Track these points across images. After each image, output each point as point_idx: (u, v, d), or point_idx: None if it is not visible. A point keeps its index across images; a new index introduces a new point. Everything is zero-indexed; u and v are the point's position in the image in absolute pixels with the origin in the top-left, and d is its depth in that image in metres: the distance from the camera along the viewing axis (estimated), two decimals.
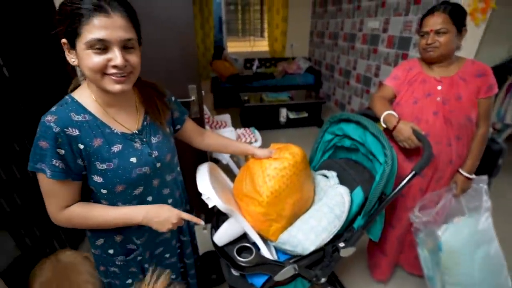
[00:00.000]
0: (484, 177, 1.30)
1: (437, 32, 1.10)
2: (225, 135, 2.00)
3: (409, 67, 1.30)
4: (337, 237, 1.13)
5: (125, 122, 0.79)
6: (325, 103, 4.04)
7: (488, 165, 2.19)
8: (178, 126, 1.02)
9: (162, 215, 0.79)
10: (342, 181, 1.20)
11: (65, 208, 0.73)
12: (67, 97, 0.73)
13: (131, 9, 0.69)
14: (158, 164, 0.84)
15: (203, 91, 1.72)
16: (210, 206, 0.94)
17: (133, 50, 0.70)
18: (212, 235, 1.15)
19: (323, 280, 1.21)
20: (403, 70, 1.31)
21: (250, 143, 2.12)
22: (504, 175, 2.72)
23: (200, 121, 1.72)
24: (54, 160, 0.67)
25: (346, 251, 1.12)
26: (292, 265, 1.07)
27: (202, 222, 0.88)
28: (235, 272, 1.14)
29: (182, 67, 1.56)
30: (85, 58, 0.64)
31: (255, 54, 5.16)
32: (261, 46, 5.36)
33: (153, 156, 0.82)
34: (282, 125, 3.81)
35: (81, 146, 0.70)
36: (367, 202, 1.09)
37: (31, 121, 1.53)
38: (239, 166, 2.23)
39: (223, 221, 1.13)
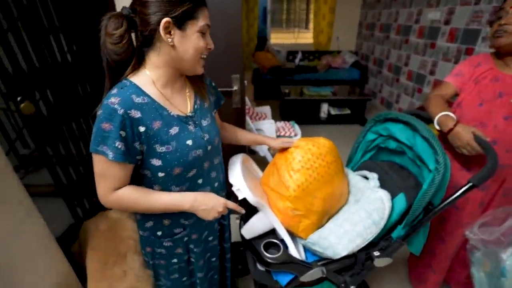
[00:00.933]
0: None
1: None
2: (265, 127, 1.99)
3: (478, 63, 1.13)
4: (372, 245, 1.05)
5: (179, 105, 0.81)
6: (370, 100, 3.80)
7: None
8: (214, 111, 1.02)
9: (209, 204, 0.80)
10: (383, 185, 1.11)
11: (116, 190, 0.75)
12: (125, 80, 0.74)
13: None
14: (209, 147, 0.86)
15: (245, 81, 1.70)
16: (240, 198, 0.93)
17: None
18: (240, 227, 1.14)
19: None
20: (469, 65, 1.15)
21: (290, 137, 2.07)
22: None
23: (241, 112, 1.72)
24: (117, 142, 0.68)
25: (381, 261, 1.04)
26: (320, 267, 1.03)
27: (243, 211, 0.90)
28: (260, 267, 1.13)
29: (226, 56, 1.57)
30: (194, 40, 0.73)
31: (298, 47, 5.02)
32: (305, 38, 5.19)
33: (205, 139, 0.84)
34: (322, 120, 3.67)
35: (142, 129, 0.72)
36: (410, 211, 0.99)
37: (87, 102, 1.67)
38: None
39: (252, 214, 1.12)
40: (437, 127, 1.10)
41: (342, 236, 0.99)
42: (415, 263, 1.51)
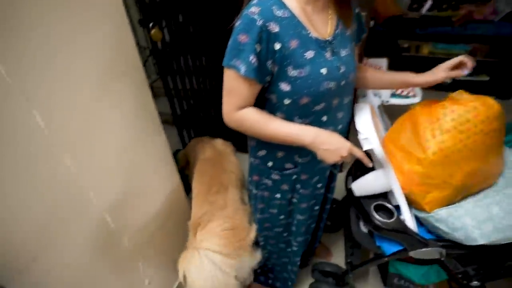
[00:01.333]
0: None
1: None
2: None
3: None
4: None
5: (319, 26, 0.72)
6: None
7: None
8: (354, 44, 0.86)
9: (334, 144, 0.72)
10: None
11: (241, 109, 0.73)
12: None
13: None
14: (343, 82, 0.75)
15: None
16: (365, 148, 0.81)
17: None
18: (347, 181, 1.05)
19: (475, 284, 0.95)
20: None
21: (407, 97, 1.75)
22: None
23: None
24: (251, 56, 0.64)
25: None
26: (440, 249, 0.87)
27: (370, 164, 0.79)
28: (364, 228, 1.04)
29: None
30: None
31: None
32: None
33: (340, 71, 0.74)
34: (445, 86, 2.99)
35: (277, 46, 0.65)
36: None
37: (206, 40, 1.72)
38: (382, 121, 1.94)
39: (362, 172, 1.00)
40: None
41: (485, 221, 0.79)
42: None
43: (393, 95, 1.70)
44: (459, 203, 0.86)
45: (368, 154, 0.88)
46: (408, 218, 0.91)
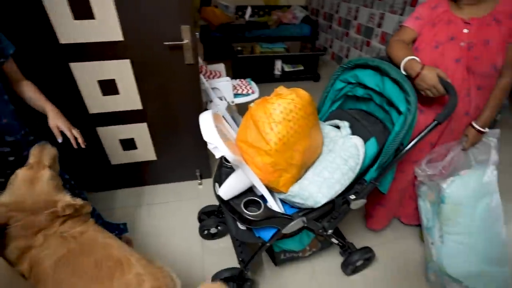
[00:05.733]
0: (496, 131, 1.26)
1: None
2: (221, 86, 1.86)
3: (435, 4, 1.15)
4: (347, 190, 1.09)
5: None
6: (323, 54, 3.83)
7: None
8: (2, 60, 0.99)
9: None
10: (354, 132, 1.12)
11: None
12: None
13: None
14: None
15: (197, 33, 1.51)
16: (217, 156, 0.85)
17: None
18: (215, 189, 1.08)
19: (330, 232, 1.21)
20: (427, 8, 1.16)
21: (247, 94, 1.98)
22: (502, 131, 2.76)
23: (194, 69, 1.55)
24: None
25: (356, 204, 1.09)
26: (301, 218, 1.04)
27: None
28: (241, 226, 1.10)
29: (173, 4, 1.33)
30: None
31: (247, 1, 4.70)
32: None
33: None
34: (276, 78, 3.61)
35: None
36: (382, 154, 1.03)
37: None
38: (234, 120, 2.12)
39: (227, 175, 1.06)
40: (404, 72, 1.11)
41: (321, 185, 1.00)
42: (369, 202, 1.64)
43: (236, 95, 1.89)
44: (304, 176, 1.05)
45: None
46: (272, 203, 1.03)
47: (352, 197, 1.07)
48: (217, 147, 0.83)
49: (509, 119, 3.11)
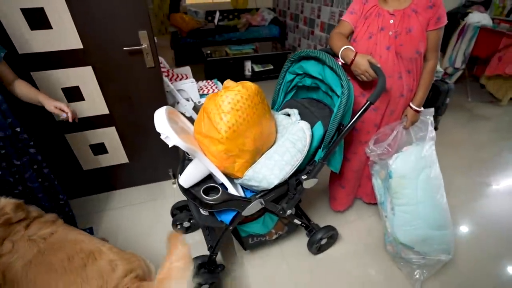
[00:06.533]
0: (431, 110, 1.40)
1: None
2: (186, 87, 1.93)
3: (366, 0, 1.28)
4: (299, 171, 1.19)
5: None
6: (290, 53, 3.97)
7: (437, 103, 2.37)
8: None
9: None
10: (303, 118, 1.23)
11: None
12: None
13: None
14: None
15: (155, 38, 1.58)
16: (170, 145, 0.92)
17: None
18: (178, 180, 1.15)
19: (289, 212, 1.30)
20: (360, 3, 1.29)
21: None
22: (450, 114, 2.98)
23: (155, 72, 1.62)
24: None
25: (308, 183, 1.19)
26: (259, 199, 1.13)
27: None
28: (203, 212, 1.18)
29: (128, 11, 1.40)
30: None
31: (216, 6, 4.82)
32: None
33: None
34: (248, 78, 3.72)
35: None
36: (326, 134, 1.14)
37: None
38: None
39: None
40: (342, 61, 1.24)
41: (273, 167, 1.09)
42: (332, 185, 1.78)
43: (202, 95, 1.97)
44: (257, 161, 1.15)
45: None
46: (231, 188, 1.11)
47: (304, 177, 1.18)
48: (168, 136, 0.91)
49: (465, 102, 3.36)
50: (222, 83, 2.36)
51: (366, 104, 1.09)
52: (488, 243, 1.65)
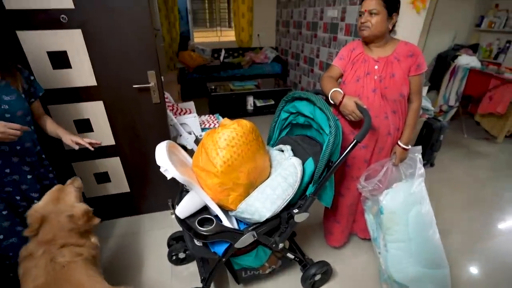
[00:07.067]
0: (419, 147, 1.48)
1: (370, 13, 1.23)
2: (189, 121, 2.05)
3: (353, 48, 1.42)
4: (291, 205, 1.24)
5: None
6: (291, 90, 4.17)
7: (431, 140, 2.45)
8: (32, 100, 1.27)
9: None
10: (296, 154, 1.31)
11: None
12: None
13: None
14: (8, 115, 1.11)
15: (162, 77, 1.73)
16: (168, 178, 1.00)
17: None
18: (174, 210, 1.20)
19: (281, 245, 1.32)
20: (348, 50, 1.43)
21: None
22: (447, 151, 3.04)
23: (161, 107, 1.74)
24: None
25: (300, 217, 1.24)
26: (251, 232, 1.17)
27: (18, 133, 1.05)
28: (197, 243, 1.22)
29: (139, 53, 1.57)
30: None
31: (222, 45, 5.16)
32: (229, 36, 5.36)
33: (2, 107, 1.09)
34: (250, 112, 3.89)
35: None
36: (316, 169, 1.21)
37: None
38: None
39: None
40: (332, 102, 1.35)
41: (265, 201, 1.15)
42: (326, 220, 1.81)
43: (204, 129, 2.08)
44: (250, 195, 1.20)
45: None
46: (224, 220, 1.16)
47: (295, 211, 1.22)
48: (167, 169, 0.98)
49: (461, 138, 3.43)
50: (227, 117, 2.50)
51: (353, 142, 1.17)
52: (489, 285, 1.62)
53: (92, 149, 1.35)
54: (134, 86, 1.62)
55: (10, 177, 1.20)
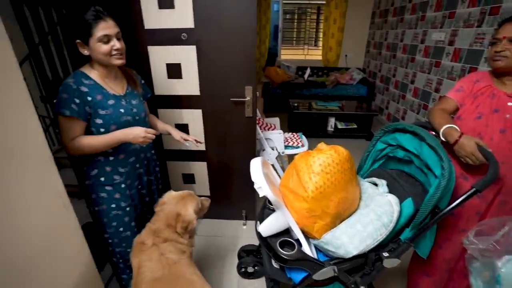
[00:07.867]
0: None
1: (510, 40, 1.04)
2: (273, 137, 2.09)
3: (477, 79, 1.23)
4: (381, 247, 1.11)
5: (114, 88, 1.19)
6: (376, 115, 3.90)
7: None
8: (143, 101, 1.39)
9: (134, 130, 1.14)
10: (391, 191, 1.18)
11: (74, 139, 1.09)
12: (77, 71, 1.12)
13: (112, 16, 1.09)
14: (137, 117, 1.24)
15: (257, 93, 1.81)
16: (261, 195, 1.01)
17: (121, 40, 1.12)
18: (256, 226, 1.22)
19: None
20: (469, 82, 1.24)
21: (297, 147, 2.17)
22: None
23: (252, 121, 1.82)
24: (72, 105, 1.05)
25: (389, 262, 1.10)
26: (332, 266, 1.09)
27: (154, 136, 1.19)
28: (275, 265, 1.19)
29: (240, 68, 1.69)
30: (97, 48, 1.05)
31: (308, 63, 5.20)
32: (315, 55, 5.38)
33: (133, 111, 1.23)
34: (329, 134, 3.76)
35: (89, 98, 1.09)
36: (417, 214, 1.06)
37: None
38: (283, 169, 2.28)
39: (268, 215, 1.20)
40: (443, 138, 1.18)
41: (353, 236, 1.06)
42: (413, 271, 1.56)
43: (287, 147, 2.08)
44: (338, 226, 1.13)
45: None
46: (306, 247, 1.12)
47: (386, 254, 1.09)
48: (261, 187, 1.00)
49: None
50: (305, 136, 2.48)
51: (471, 191, 0.99)
52: None
53: (197, 145, 1.46)
54: (231, 99, 1.74)
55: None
